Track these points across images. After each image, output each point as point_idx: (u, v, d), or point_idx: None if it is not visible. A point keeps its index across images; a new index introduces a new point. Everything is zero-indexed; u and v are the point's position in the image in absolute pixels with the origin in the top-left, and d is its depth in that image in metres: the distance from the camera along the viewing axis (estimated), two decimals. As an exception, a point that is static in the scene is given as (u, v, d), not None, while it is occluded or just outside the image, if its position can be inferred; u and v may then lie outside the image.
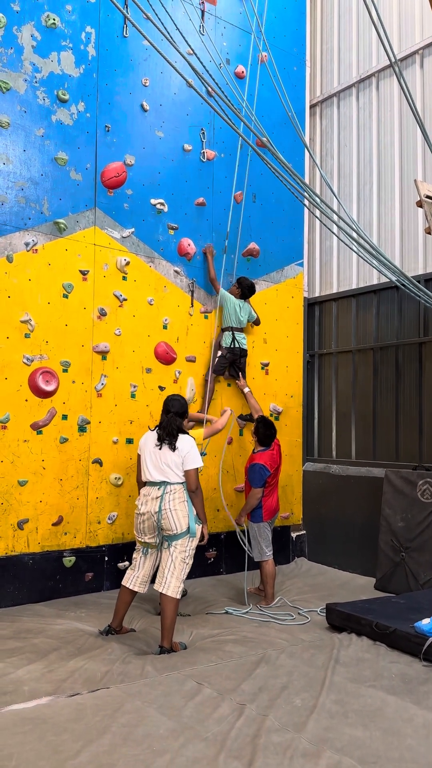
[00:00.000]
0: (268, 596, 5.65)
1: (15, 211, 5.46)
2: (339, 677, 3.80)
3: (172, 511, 4.47)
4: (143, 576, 4.64)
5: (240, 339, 6.59)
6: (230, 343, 6.52)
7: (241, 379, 6.65)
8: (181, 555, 4.48)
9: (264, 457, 5.74)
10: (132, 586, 4.63)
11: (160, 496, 4.52)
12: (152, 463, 4.63)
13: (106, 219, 5.98)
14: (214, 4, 6.91)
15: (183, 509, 4.50)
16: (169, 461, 4.57)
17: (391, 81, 7.08)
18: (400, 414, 6.78)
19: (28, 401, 5.44)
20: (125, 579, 4.67)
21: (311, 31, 8.01)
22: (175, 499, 4.51)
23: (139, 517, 4.60)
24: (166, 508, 4.47)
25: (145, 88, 6.30)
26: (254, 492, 5.67)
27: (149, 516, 4.52)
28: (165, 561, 4.49)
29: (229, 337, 6.54)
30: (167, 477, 4.55)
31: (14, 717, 3.21)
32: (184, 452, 4.59)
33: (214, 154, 6.81)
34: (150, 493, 4.58)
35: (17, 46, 5.50)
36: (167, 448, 4.60)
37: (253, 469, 5.71)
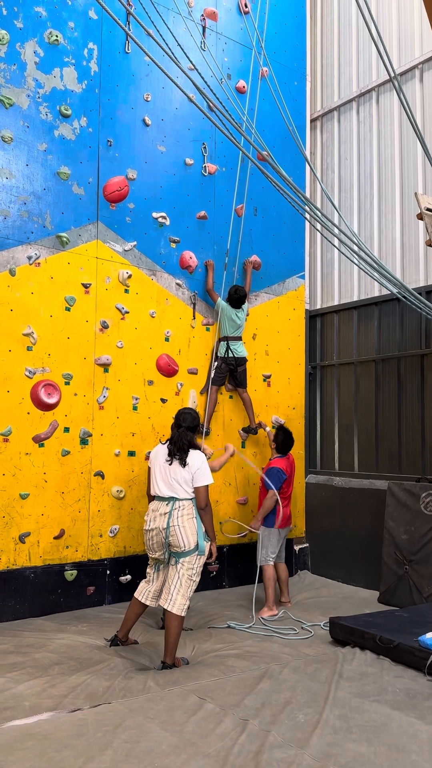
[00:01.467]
0: (269, 600, 5.68)
1: (18, 225, 5.49)
2: (343, 692, 3.77)
3: (180, 528, 4.43)
4: (155, 591, 4.61)
5: (235, 348, 6.57)
6: (224, 353, 6.52)
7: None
8: (188, 572, 4.44)
9: (281, 463, 5.95)
10: (144, 599, 4.60)
11: (168, 512, 4.48)
12: (162, 478, 4.59)
13: (108, 232, 6.01)
14: (215, 20, 6.99)
15: (191, 526, 4.46)
16: (178, 477, 4.53)
17: (391, 95, 7.14)
18: (403, 426, 6.77)
19: (30, 414, 5.44)
20: (138, 591, 4.65)
21: (311, 46, 8.09)
22: (183, 516, 4.47)
23: (148, 533, 4.57)
24: (175, 524, 4.43)
25: (146, 103, 6.36)
26: (270, 494, 5.78)
27: (157, 532, 4.49)
28: (171, 577, 4.44)
29: (224, 347, 6.54)
30: (176, 493, 4.52)
31: (15, 733, 3.18)
32: (194, 468, 4.54)
33: (216, 168, 6.86)
34: (158, 508, 4.55)
35: (20, 62, 5.57)
36: (177, 463, 4.56)
37: (271, 471, 5.88)
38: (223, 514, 6.66)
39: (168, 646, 4.31)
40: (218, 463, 5.57)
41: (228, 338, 6.56)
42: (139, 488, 6.04)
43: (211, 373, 6.53)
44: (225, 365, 6.54)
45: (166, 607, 4.37)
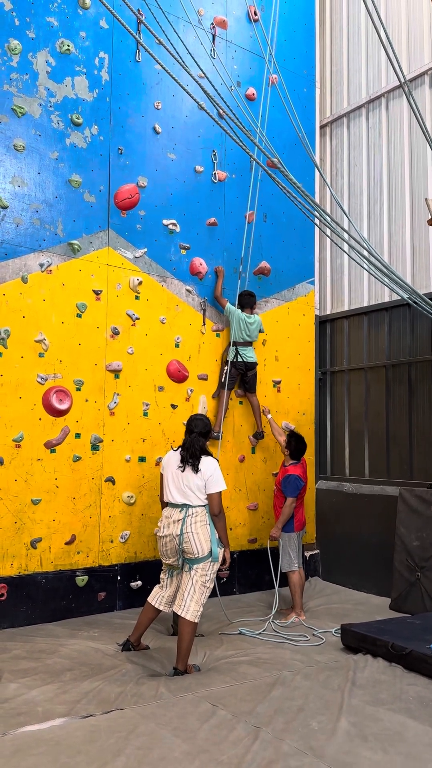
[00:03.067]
0: (296, 606, 5.70)
1: (30, 232, 5.53)
2: (356, 700, 3.75)
3: (193, 534, 4.42)
4: (169, 596, 4.61)
5: (244, 353, 6.56)
6: (233, 358, 6.52)
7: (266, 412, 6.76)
8: (202, 579, 4.43)
9: (298, 470, 5.97)
10: (157, 604, 4.60)
11: (181, 519, 4.48)
12: (174, 484, 4.59)
13: (119, 240, 6.05)
14: (225, 28, 7.03)
15: (205, 533, 4.46)
16: (191, 484, 4.53)
17: (400, 101, 7.15)
18: (414, 431, 6.74)
19: (42, 420, 5.47)
20: (151, 596, 4.65)
21: (321, 53, 8.12)
22: (196, 522, 4.46)
23: (162, 539, 4.57)
24: (188, 531, 4.43)
25: (157, 111, 6.40)
26: (289, 501, 5.83)
27: (171, 539, 4.49)
28: (185, 584, 4.43)
29: (233, 351, 6.54)
30: (189, 500, 4.52)
31: (28, 738, 3.19)
32: (207, 475, 4.54)
33: (226, 175, 6.89)
34: (171, 515, 4.55)
35: (32, 72, 5.62)
36: (190, 470, 4.55)
37: (288, 479, 5.89)
38: (234, 519, 6.65)
39: (180, 652, 4.31)
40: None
41: (237, 343, 6.56)
42: (149, 494, 6.05)
43: (222, 377, 6.55)
44: (234, 370, 6.55)
45: (179, 613, 4.37)
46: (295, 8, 7.73)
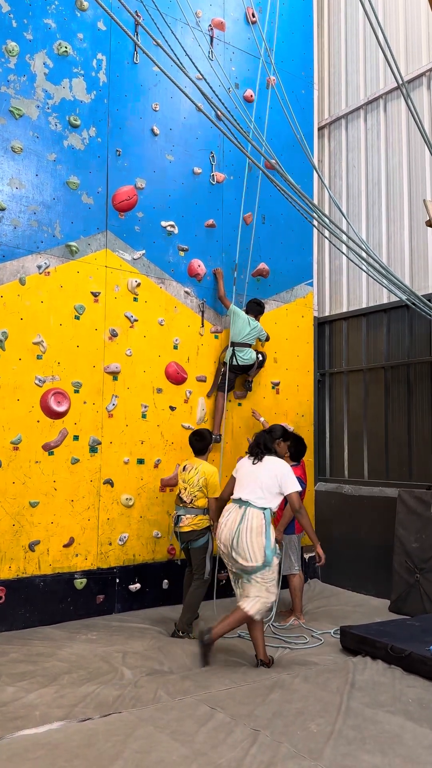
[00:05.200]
0: (296, 608, 5.69)
1: (28, 234, 5.53)
2: (355, 702, 3.73)
3: (248, 544, 4.44)
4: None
5: (241, 355, 6.54)
6: (230, 359, 6.50)
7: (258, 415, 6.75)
8: (265, 584, 4.47)
9: (298, 471, 5.90)
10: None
11: (238, 521, 4.51)
12: (246, 480, 4.66)
13: (117, 241, 6.04)
14: (223, 30, 7.03)
15: (260, 542, 4.45)
16: (262, 481, 4.59)
17: (398, 103, 7.15)
18: (413, 433, 6.73)
19: (40, 422, 5.45)
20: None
21: (318, 54, 8.13)
22: (253, 530, 4.45)
23: (219, 543, 4.63)
24: (243, 538, 4.44)
25: (155, 112, 6.40)
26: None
27: (225, 546, 4.52)
28: (249, 590, 4.49)
29: (230, 353, 6.52)
30: (252, 497, 4.54)
31: (26, 742, 3.17)
32: (281, 478, 4.62)
33: (224, 177, 6.88)
34: (230, 511, 4.59)
35: (30, 74, 5.62)
36: (262, 465, 4.65)
37: None
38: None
39: (257, 645, 4.46)
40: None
41: (235, 344, 6.54)
42: (148, 496, 6.03)
43: (217, 378, 6.54)
44: (230, 373, 6.53)
45: (244, 608, 4.44)
46: (293, 10, 7.73)
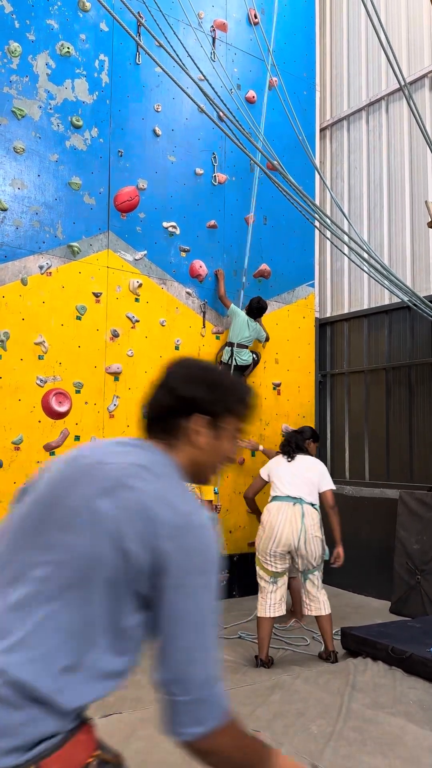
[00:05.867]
0: (297, 610, 5.68)
1: (29, 234, 5.53)
2: (356, 703, 3.73)
3: (314, 539, 4.49)
4: (278, 600, 4.59)
5: (239, 356, 6.53)
6: (228, 360, 6.50)
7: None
8: (320, 581, 4.64)
9: None
10: (271, 613, 4.54)
11: (300, 516, 4.51)
12: (288, 477, 4.66)
13: (119, 242, 6.05)
14: (225, 31, 7.04)
15: (321, 538, 4.58)
16: (310, 479, 4.64)
17: (400, 104, 7.16)
18: (414, 434, 6.73)
19: (41, 422, 5.46)
20: (260, 610, 4.58)
21: (321, 55, 8.13)
22: (315, 525, 4.53)
23: (271, 542, 4.53)
24: (310, 534, 4.48)
25: (157, 113, 6.41)
26: None
27: (286, 541, 4.49)
28: (311, 588, 4.56)
29: (228, 353, 6.51)
30: (302, 495, 4.58)
31: (26, 743, 3.17)
32: (322, 475, 4.72)
33: (226, 178, 6.89)
34: (282, 510, 4.56)
35: (32, 74, 5.62)
36: (303, 464, 4.72)
37: None
38: (234, 522, 6.64)
39: (327, 638, 4.58)
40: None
41: (233, 345, 6.53)
42: (149, 497, 6.04)
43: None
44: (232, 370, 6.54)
45: (320, 614, 4.53)
46: (295, 11, 7.74)
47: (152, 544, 1.21)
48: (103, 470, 1.30)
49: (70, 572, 1.21)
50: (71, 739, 1.20)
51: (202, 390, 1.44)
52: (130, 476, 1.28)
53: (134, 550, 1.21)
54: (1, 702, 1.14)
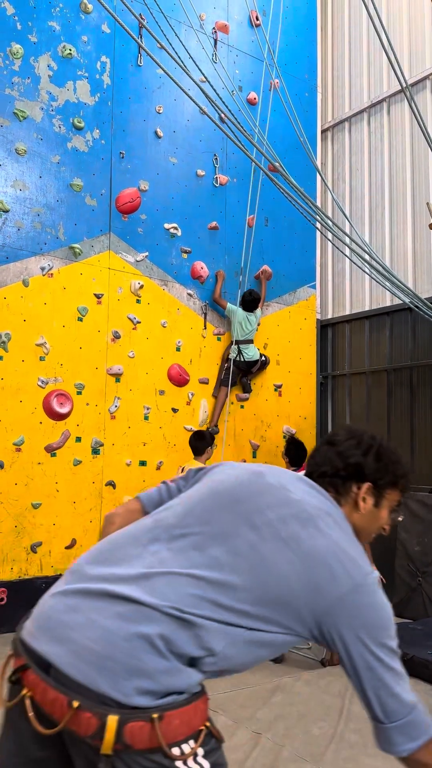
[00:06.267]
0: None
1: (31, 236, 5.53)
2: (357, 706, 3.72)
3: None
4: None
5: (246, 351, 6.57)
6: (236, 356, 6.53)
7: None
8: None
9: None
10: None
11: None
12: None
13: (120, 243, 6.05)
14: (227, 32, 7.05)
15: None
16: None
17: (402, 106, 7.16)
18: (416, 436, 6.73)
19: (43, 424, 5.46)
20: None
21: (322, 57, 8.14)
22: None
23: None
24: None
25: (158, 115, 6.41)
26: None
27: None
28: None
29: (235, 350, 6.56)
30: None
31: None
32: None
33: (227, 179, 6.89)
34: None
35: (34, 76, 5.63)
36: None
37: None
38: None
39: None
40: None
41: (239, 342, 6.57)
42: (150, 498, 6.03)
43: (221, 374, 6.58)
44: (235, 368, 6.56)
45: None
46: (296, 13, 7.75)
47: (325, 592, 1.35)
48: (290, 498, 1.45)
49: (243, 562, 1.37)
50: (194, 702, 1.33)
51: (372, 460, 1.55)
52: (320, 518, 1.42)
53: (306, 585, 1.36)
54: (152, 650, 1.29)
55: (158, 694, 1.28)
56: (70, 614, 1.35)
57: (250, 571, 1.37)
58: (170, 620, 1.31)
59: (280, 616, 1.37)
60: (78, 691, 1.26)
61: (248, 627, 1.36)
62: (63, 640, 1.32)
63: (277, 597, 1.36)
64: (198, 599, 1.34)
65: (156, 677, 1.28)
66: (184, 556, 1.39)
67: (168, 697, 1.29)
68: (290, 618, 1.37)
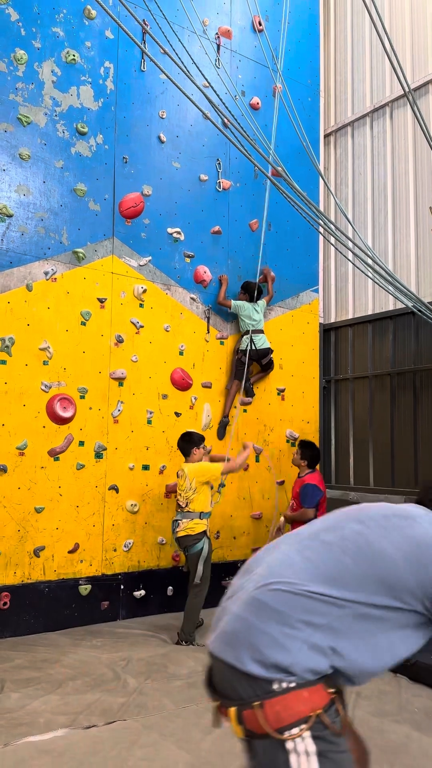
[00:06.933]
0: None
1: (35, 241, 5.55)
2: (361, 711, 3.71)
3: None
4: None
5: (257, 340, 6.61)
6: (246, 346, 6.56)
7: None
8: None
9: (315, 478, 5.68)
10: None
11: None
12: None
13: (123, 248, 6.06)
14: (230, 38, 7.07)
15: None
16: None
17: (404, 110, 7.17)
18: (419, 440, 6.72)
19: (46, 428, 5.46)
20: None
21: (325, 62, 8.16)
22: None
23: None
24: None
25: (162, 120, 6.43)
26: (305, 511, 5.51)
27: None
28: None
29: (246, 340, 6.58)
30: None
31: (31, 749, 3.16)
32: None
33: (230, 184, 6.91)
34: None
35: (38, 81, 5.66)
36: None
37: (306, 489, 5.58)
38: (237, 528, 6.63)
39: None
40: (240, 461, 5.49)
41: (250, 332, 6.61)
42: (153, 502, 6.03)
43: (233, 367, 6.64)
44: (246, 358, 6.57)
45: None
46: (299, 18, 7.77)
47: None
48: (391, 505, 1.77)
49: (351, 544, 1.65)
50: (295, 691, 1.50)
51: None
52: (419, 516, 1.70)
53: (413, 564, 1.60)
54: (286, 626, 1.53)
55: (275, 667, 1.50)
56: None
57: (357, 552, 1.60)
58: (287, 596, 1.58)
59: (386, 591, 1.56)
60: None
61: (353, 600, 1.55)
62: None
63: (381, 576, 1.57)
64: (310, 579, 1.58)
65: (264, 650, 1.52)
66: (302, 546, 1.68)
67: (274, 684, 1.50)
68: (398, 593, 1.56)
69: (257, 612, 1.57)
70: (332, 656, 1.52)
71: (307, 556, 1.62)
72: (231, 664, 1.53)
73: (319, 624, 1.53)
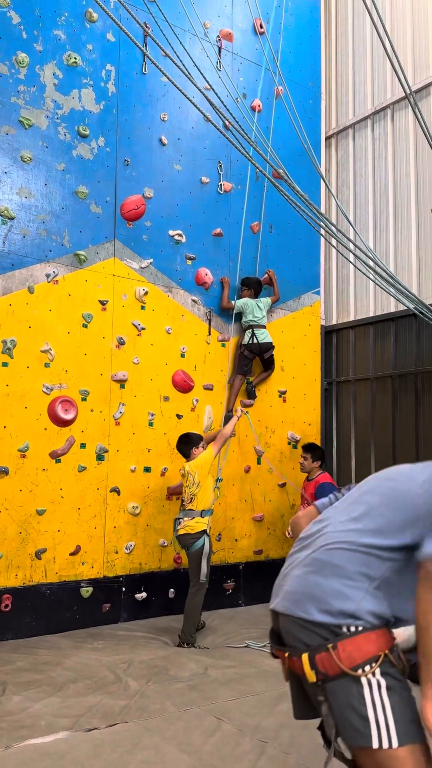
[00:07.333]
0: None
1: (36, 243, 5.56)
2: (362, 714, 3.70)
3: None
4: None
5: (259, 334, 6.64)
6: (249, 340, 6.59)
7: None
8: None
9: (328, 477, 5.88)
10: None
11: None
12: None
13: (125, 250, 6.07)
14: (231, 40, 7.08)
15: None
16: None
17: (405, 112, 7.17)
18: (421, 442, 6.71)
19: (47, 430, 5.46)
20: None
21: (326, 64, 8.16)
22: None
23: None
24: None
25: (163, 122, 6.44)
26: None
27: None
28: None
29: (249, 334, 6.62)
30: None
31: (32, 752, 3.16)
32: None
33: (231, 186, 6.91)
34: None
35: (39, 84, 5.67)
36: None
37: (323, 488, 5.77)
38: (239, 530, 6.62)
39: None
40: (228, 429, 5.63)
41: (252, 326, 6.64)
42: (154, 504, 6.03)
43: (236, 361, 6.67)
44: (249, 352, 6.62)
45: None
46: (300, 20, 7.78)
47: None
48: (417, 464, 2.01)
49: (383, 488, 1.97)
50: (364, 633, 1.72)
51: None
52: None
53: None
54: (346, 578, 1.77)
55: (341, 614, 1.73)
56: None
57: (393, 502, 1.85)
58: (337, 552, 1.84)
59: (412, 527, 1.78)
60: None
61: (399, 546, 1.78)
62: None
63: (414, 516, 1.79)
64: (361, 536, 1.83)
65: (348, 597, 1.75)
66: (350, 510, 1.94)
67: (347, 619, 1.72)
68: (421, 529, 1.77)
69: (320, 570, 1.80)
70: (389, 603, 1.75)
71: (354, 516, 1.87)
72: (300, 617, 1.76)
73: (375, 576, 1.76)
